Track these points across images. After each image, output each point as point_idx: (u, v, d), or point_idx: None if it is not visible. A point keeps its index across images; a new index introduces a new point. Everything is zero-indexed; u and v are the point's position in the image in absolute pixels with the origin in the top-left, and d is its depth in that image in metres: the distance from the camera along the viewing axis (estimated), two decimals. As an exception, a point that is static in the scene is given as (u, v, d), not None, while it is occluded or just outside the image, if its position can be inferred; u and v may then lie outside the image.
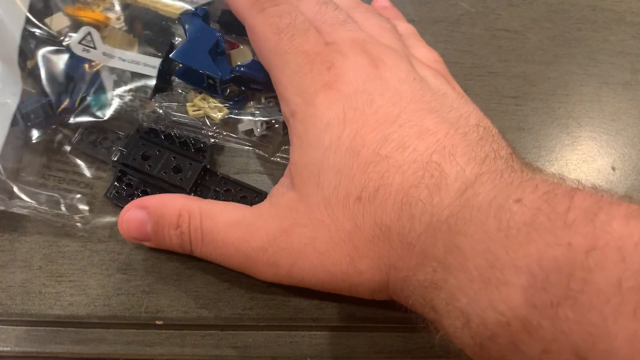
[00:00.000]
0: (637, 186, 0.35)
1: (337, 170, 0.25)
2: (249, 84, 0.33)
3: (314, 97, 0.26)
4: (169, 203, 0.27)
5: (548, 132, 0.37)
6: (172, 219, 0.27)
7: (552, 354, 0.17)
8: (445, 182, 0.23)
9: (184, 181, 0.31)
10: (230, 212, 0.27)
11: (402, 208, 0.23)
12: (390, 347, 0.28)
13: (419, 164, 0.24)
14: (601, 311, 0.16)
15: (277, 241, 0.25)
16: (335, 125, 0.25)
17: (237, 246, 0.26)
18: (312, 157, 0.26)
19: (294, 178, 0.26)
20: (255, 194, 0.32)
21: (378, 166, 0.24)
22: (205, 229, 0.26)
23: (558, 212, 0.18)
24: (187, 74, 0.34)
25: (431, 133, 0.25)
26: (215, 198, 0.31)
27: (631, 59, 0.41)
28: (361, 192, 0.24)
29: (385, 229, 0.23)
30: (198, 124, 0.33)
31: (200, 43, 0.33)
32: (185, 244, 0.27)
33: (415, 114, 0.25)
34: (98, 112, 0.32)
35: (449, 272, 0.20)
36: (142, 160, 0.31)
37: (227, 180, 0.32)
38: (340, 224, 0.24)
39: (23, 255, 0.30)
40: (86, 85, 0.33)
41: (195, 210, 0.27)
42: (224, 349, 0.28)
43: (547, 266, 0.17)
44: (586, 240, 0.17)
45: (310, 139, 0.26)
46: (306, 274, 0.25)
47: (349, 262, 0.24)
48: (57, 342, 0.28)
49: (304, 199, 0.25)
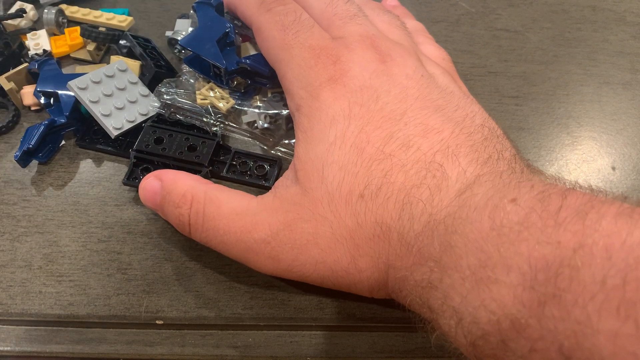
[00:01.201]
0: (637, 186, 0.34)
1: (341, 166, 0.25)
2: (254, 76, 0.34)
3: (319, 91, 0.26)
4: (179, 181, 0.27)
5: (548, 132, 0.37)
6: (175, 198, 0.27)
7: (539, 352, 0.17)
8: (446, 183, 0.23)
9: (200, 157, 0.32)
10: (235, 201, 0.27)
11: (403, 208, 0.23)
12: (390, 347, 0.28)
13: (422, 163, 0.24)
14: (585, 309, 0.16)
15: (280, 235, 0.25)
16: (340, 120, 0.25)
17: (239, 236, 0.26)
18: (316, 151, 0.26)
19: (298, 172, 0.26)
20: (269, 162, 0.33)
21: (382, 164, 0.24)
22: (208, 214, 0.26)
23: (550, 211, 0.18)
24: (195, 61, 0.34)
25: (436, 132, 0.25)
26: (232, 172, 0.33)
27: (631, 59, 0.41)
28: (364, 190, 0.24)
29: (385, 228, 0.24)
30: (202, 112, 0.33)
31: (209, 32, 0.33)
32: (184, 225, 0.27)
33: (421, 112, 0.25)
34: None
35: (444, 271, 0.21)
36: (156, 145, 0.32)
37: (242, 153, 0.33)
38: (343, 221, 0.24)
39: (23, 255, 0.30)
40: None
41: (200, 193, 0.27)
42: (224, 349, 0.28)
43: (536, 265, 0.17)
44: (574, 238, 0.17)
45: (315, 133, 0.26)
46: (307, 269, 0.25)
47: (350, 260, 0.24)
48: (57, 342, 0.28)
49: (308, 193, 0.25)
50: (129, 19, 0.39)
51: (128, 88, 0.34)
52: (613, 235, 0.16)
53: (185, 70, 0.35)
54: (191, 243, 0.30)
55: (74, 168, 0.33)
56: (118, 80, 0.34)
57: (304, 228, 0.25)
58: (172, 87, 0.34)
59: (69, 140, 0.35)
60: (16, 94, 0.35)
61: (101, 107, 0.33)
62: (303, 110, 0.27)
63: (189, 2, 0.43)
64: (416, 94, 0.26)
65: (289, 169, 0.28)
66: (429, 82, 0.27)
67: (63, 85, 0.34)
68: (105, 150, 0.34)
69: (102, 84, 0.33)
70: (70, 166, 0.34)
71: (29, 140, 0.32)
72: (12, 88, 0.35)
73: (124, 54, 0.38)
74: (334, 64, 0.27)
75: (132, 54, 0.37)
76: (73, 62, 0.39)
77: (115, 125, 0.33)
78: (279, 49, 0.28)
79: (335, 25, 0.29)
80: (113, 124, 0.33)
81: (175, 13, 0.41)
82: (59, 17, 0.39)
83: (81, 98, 0.32)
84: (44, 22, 0.39)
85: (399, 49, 0.28)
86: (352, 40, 0.28)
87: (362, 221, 0.24)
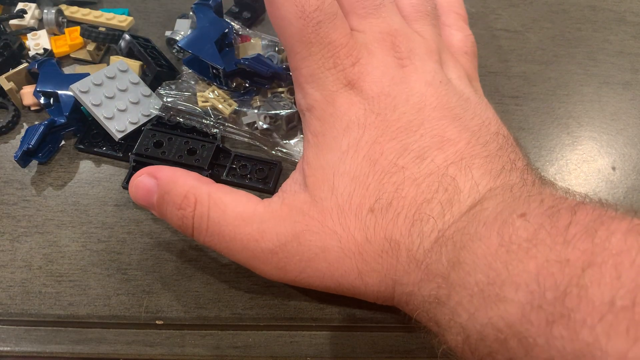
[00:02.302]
0: (637, 186, 0.34)
1: (353, 177, 0.24)
2: (253, 77, 0.34)
3: (335, 96, 0.25)
4: (178, 180, 0.26)
5: (548, 132, 0.37)
6: (176, 199, 0.26)
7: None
8: (457, 197, 0.22)
9: (200, 161, 0.32)
10: (241, 204, 0.25)
11: (413, 224, 0.23)
12: (390, 347, 0.28)
13: (435, 176, 0.23)
14: (594, 330, 0.15)
15: (288, 246, 0.24)
16: (354, 128, 0.25)
17: (245, 244, 0.25)
18: (327, 158, 0.25)
19: (308, 177, 0.25)
20: (270, 165, 0.33)
21: (394, 177, 0.24)
22: (212, 219, 0.25)
23: (559, 227, 0.18)
24: (194, 62, 0.34)
25: (452, 143, 0.24)
26: (232, 175, 0.33)
27: (631, 59, 0.41)
28: (374, 204, 0.23)
29: (394, 244, 0.23)
30: (202, 114, 0.33)
31: (208, 33, 0.33)
32: (187, 227, 0.26)
33: (438, 123, 0.25)
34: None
35: (452, 288, 0.20)
36: (155, 148, 0.32)
37: (241, 157, 0.33)
38: (351, 235, 0.24)
39: (23, 255, 0.30)
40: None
41: (203, 195, 0.25)
42: (224, 349, 0.28)
43: (544, 283, 0.17)
44: (584, 257, 0.17)
45: (327, 139, 0.25)
46: (314, 281, 0.25)
47: (357, 275, 0.24)
48: (57, 342, 0.28)
49: (317, 203, 0.24)
50: (129, 19, 0.39)
51: (130, 89, 0.34)
52: (623, 253, 0.16)
53: (185, 72, 0.35)
54: (191, 243, 0.30)
55: (74, 168, 0.33)
56: (119, 82, 0.34)
57: (312, 241, 0.24)
58: (171, 89, 0.34)
59: (69, 141, 0.35)
60: (16, 94, 0.35)
61: (104, 110, 0.33)
62: (315, 113, 0.26)
63: (189, 2, 0.43)
64: (434, 103, 0.25)
65: (297, 172, 0.27)
66: (448, 89, 0.26)
67: (63, 85, 0.34)
68: (104, 154, 0.34)
69: (103, 86, 0.33)
70: (70, 166, 0.33)
71: (29, 140, 0.32)
72: (12, 88, 0.35)
73: (124, 54, 0.38)
74: (353, 65, 0.25)
75: (132, 54, 0.37)
76: (73, 62, 0.39)
77: (119, 128, 0.33)
78: (296, 41, 0.26)
79: (357, 13, 0.27)
80: (116, 127, 0.33)
81: (175, 13, 0.41)
82: (58, 17, 0.39)
83: (83, 101, 0.32)
84: (44, 22, 0.39)
85: (419, 48, 0.27)
86: (373, 39, 0.26)
87: (371, 236, 0.23)
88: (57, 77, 0.34)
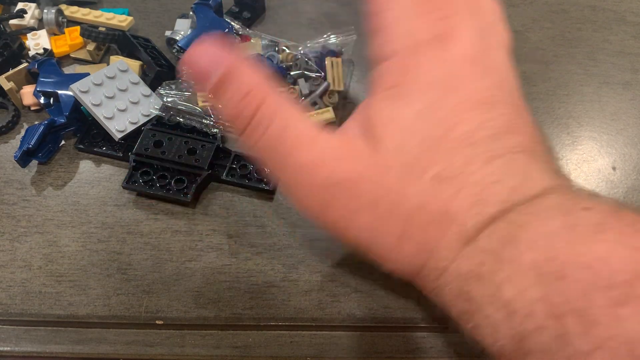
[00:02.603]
0: (637, 186, 0.34)
1: (423, 138, 0.23)
2: None
3: (422, 48, 0.23)
4: (254, 71, 0.24)
5: (548, 131, 0.37)
6: (243, 87, 0.23)
7: (605, 351, 0.17)
8: (525, 185, 0.22)
9: (200, 161, 0.32)
10: (307, 128, 0.23)
11: (476, 203, 0.22)
12: (390, 347, 0.28)
13: (506, 160, 0.22)
14: None
15: (340, 186, 0.23)
16: (436, 88, 0.23)
17: (298, 168, 0.23)
18: (402, 112, 0.23)
19: (375, 127, 0.24)
20: None
21: (466, 150, 0.22)
22: (274, 126, 0.23)
23: (626, 220, 0.19)
24: None
25: (521, 132, 0.23)
26: (232, 175, 0.33)
27: (631, 59, 0.41)
28: (440, 172, 0.22)
29: (448, 218, 0.22)
30: (202, 114, 0.33)
31: (207, 33, 0.33)
32: (243, 119, 0.23)
33: (512, 107, 0.24)
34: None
35: (499, 264, 0.20)
36: (155, 148, 0.32)
37: (241, 157, 0.33)
38: (407, 198, 0.22)
39: (23, 255, 0.30)
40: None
41: (273, 99, 0.23)
42: (224, 349, 0.28)
43: (614, 266, 0.17)
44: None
45: (405, 91, 0.23)
46: (349, 232, 0.24)
47: (395, 240, 0.23)
48: (57, 342, 0.28)
49: (381, 156, 0.23)
50: (129, 19, 0.39)
51: (130, 89, 0.34)
52: None
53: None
54: (191, 243, 0.30)
55: (74, 168, 0.33)
56: (119, 81, 0.34)
57: (366, 191, 0.23)
58: (171, 89, 0.34)
59: (69, 141, 0.35)
60: (16, 94, 0.35)
61: (104, 110, 0.33)
62: (397, 61, 0.24)
63: (189, 2, 0.43)
64: (509, 86, 0.24)
65: (359, 112, 0.25)
66: (515, 74, 0.25)
67: (63, 85, 0.34)
68: (104, 154, 0.34)
69: (103, 86, 0.33)
70: (70, 166, 0.34)
71: (29, 140, 0.32)
72: (12, 88, 0.35)
73: (124, 54, 0.38)
74: (442, 19, 0.24)
75: (132, 54, 0.37)
76: (73, 62, 0.39)
77: (119, 128, 0.33)
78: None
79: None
80: (116, 127, 0.33)
81: (175, 13, 0.41)
82: (58, 16, 0.39)
83: (83, 101, 0.32)
84: (44, 22, 0.39)
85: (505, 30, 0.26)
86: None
87: (427, 204, 0.22)
88: (57, 77, 0.34)
